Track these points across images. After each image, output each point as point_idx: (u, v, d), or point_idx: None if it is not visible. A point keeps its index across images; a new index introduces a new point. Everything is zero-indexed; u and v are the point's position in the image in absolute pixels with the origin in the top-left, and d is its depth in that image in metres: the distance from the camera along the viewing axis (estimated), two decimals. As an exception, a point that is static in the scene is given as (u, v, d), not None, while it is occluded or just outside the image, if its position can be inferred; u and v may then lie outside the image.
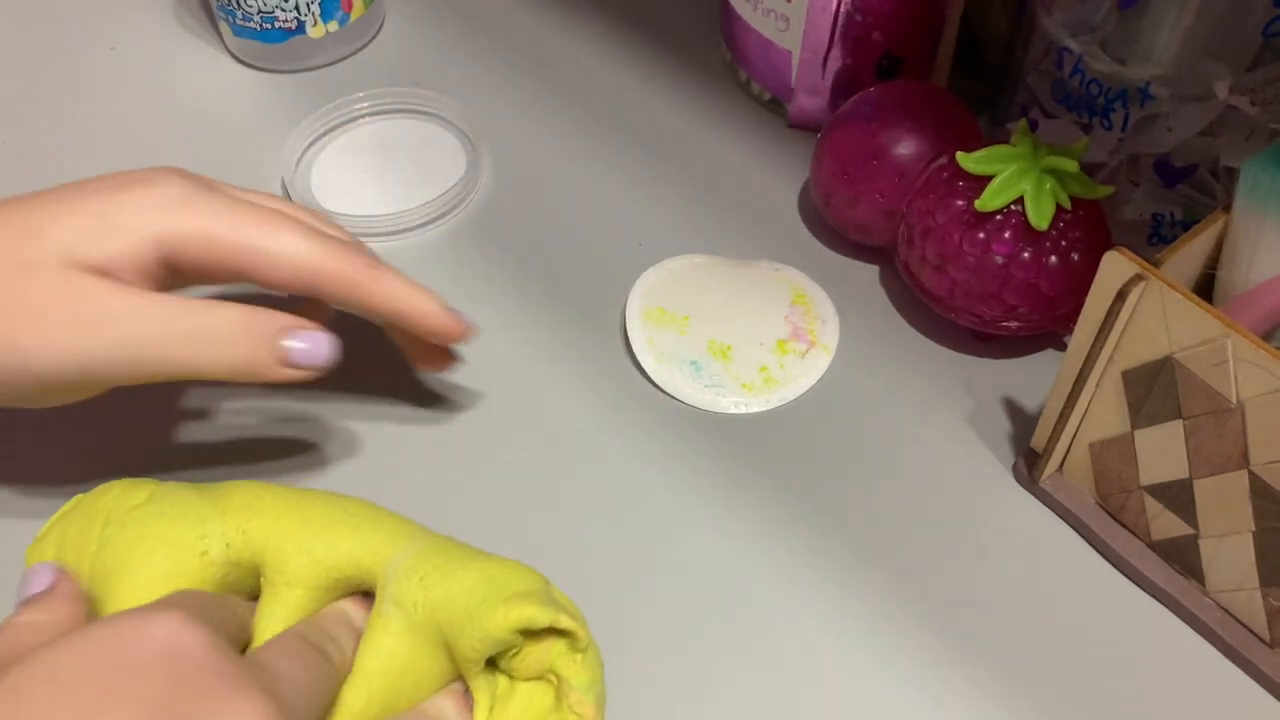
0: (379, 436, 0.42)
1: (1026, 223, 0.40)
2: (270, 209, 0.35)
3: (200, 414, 0.42)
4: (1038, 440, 0.40)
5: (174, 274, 0.34)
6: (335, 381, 0.39)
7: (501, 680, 0.32)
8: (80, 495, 0.35)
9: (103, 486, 0.35)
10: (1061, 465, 0.40)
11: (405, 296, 0.36)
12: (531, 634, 0.32)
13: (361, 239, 0.48)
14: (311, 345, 0.34)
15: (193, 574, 0.32)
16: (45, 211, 0.33)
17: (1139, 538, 0.38)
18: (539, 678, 0.32)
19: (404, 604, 0.32)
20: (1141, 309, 0.34)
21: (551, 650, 0.32)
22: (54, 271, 0.32)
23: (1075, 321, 0.36)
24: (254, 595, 0.34)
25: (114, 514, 0.33)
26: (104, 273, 0.32)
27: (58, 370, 0.32)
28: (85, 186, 0.34)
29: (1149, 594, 0.38)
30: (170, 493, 0.34)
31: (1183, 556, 0.37)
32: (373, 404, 0.43)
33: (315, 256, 0.34)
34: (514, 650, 0.32)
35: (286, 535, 0.33)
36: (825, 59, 0.49)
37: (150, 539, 0.32)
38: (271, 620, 0.32)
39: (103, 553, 0.32)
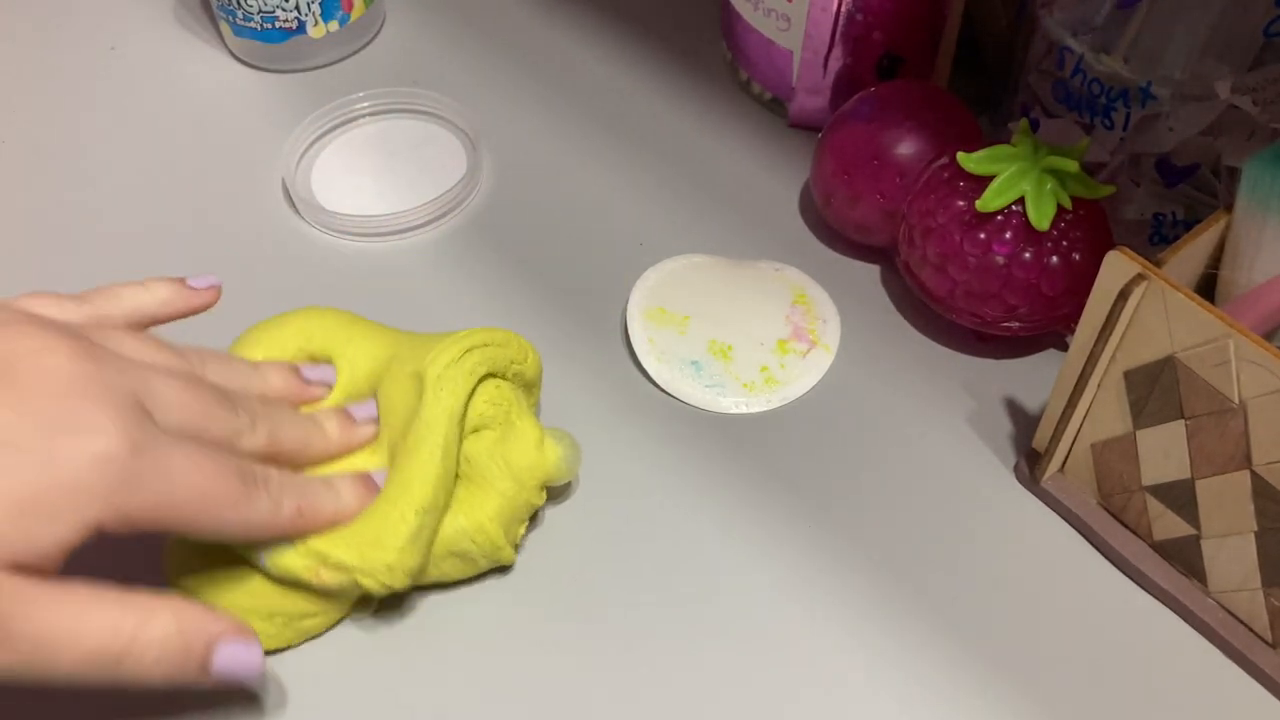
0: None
1: (1027, 223, 0.39)
2: (200, 466, 0.31)
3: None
4: (1039, 440, 0.40)
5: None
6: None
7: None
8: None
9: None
10: (1063, 465, 0.40)
11: (334, 521, 0.34)
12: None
13: (362, 239, 0.49)
14: (243, 659, 0.30)
15: None
16: None
17: (1141, 538, 0.38)
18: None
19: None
20: (1143, 309, 0.33)
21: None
22: None
23: (1076, 321, 0.36)
24: None
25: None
26: (25, 568, 0.28)
27: None
28: (6, 422, 0.28)
29: (1150, 594, 0.38)
30: None
31: (1184, 557, 0.37)
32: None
33: (259, 530, 0.32)
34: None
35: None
36: (826, 59, 0.49)
37: None
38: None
39: None
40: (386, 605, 0.37)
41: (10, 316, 0.30)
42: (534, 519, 0.39)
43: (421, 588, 0.37)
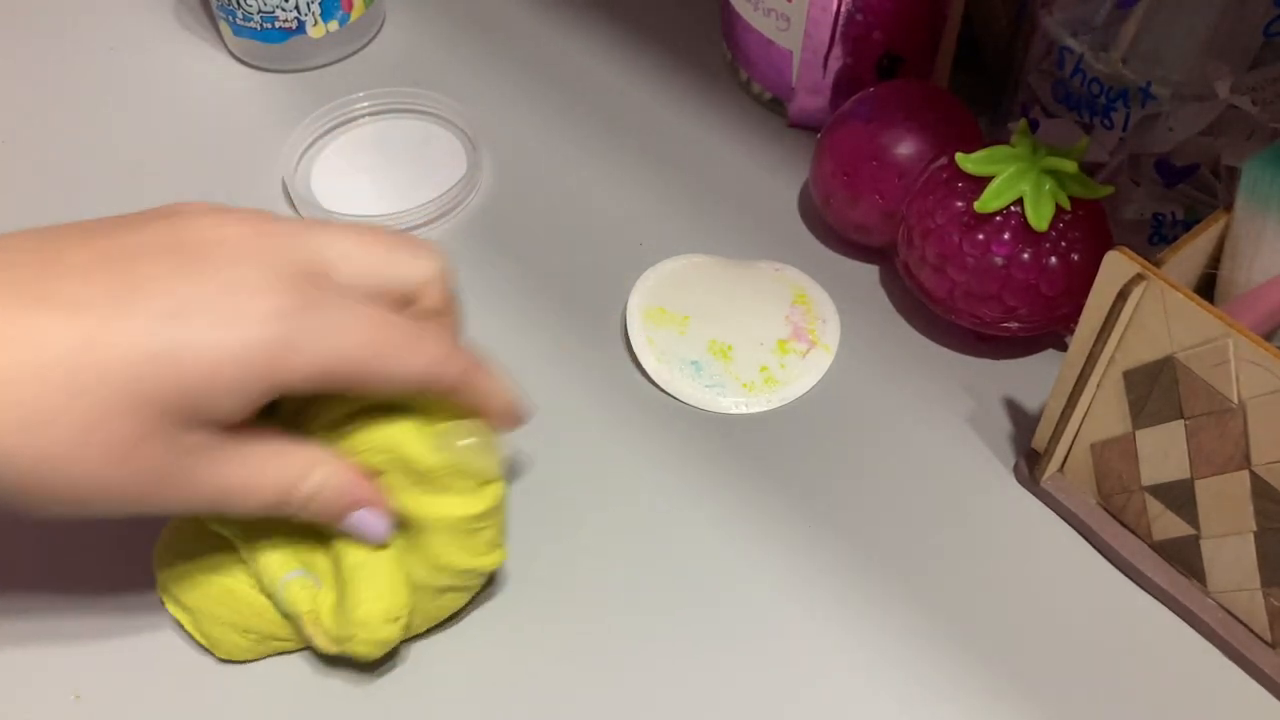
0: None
1: (1026, 223, 0.39)
2: (368, 319, 0.32)
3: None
4: (1039, 440, 0.40)
5: None
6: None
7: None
8: None
9: None
10: (1063, 466, 0.40)
11: (487, 396, 0.35)
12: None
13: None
14: (370, 524, 0.33)
15: None
16: (150, 349, 0.28)
17: (1140, 538, 0.38)
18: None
19: None
20: (1143, 309, 0.33)
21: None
22: (164, 444, 0.29)
23: (1076, 322, 0.36)
24: None
25: None
26: (214, 426, 0.30)
27: (119, 512, 0.30)
28: (177, 293, 0.29)
29: (1150, 594, 0.38)
30: None
31: (1184, 557, 0.37)
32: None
33: (426, 378, 0.33)
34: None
35: None
36: (826, 58, 0.49)
37: None
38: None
39: None
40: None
41: (186, 207, 0.32)
42: (519, 519, 0.39)
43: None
